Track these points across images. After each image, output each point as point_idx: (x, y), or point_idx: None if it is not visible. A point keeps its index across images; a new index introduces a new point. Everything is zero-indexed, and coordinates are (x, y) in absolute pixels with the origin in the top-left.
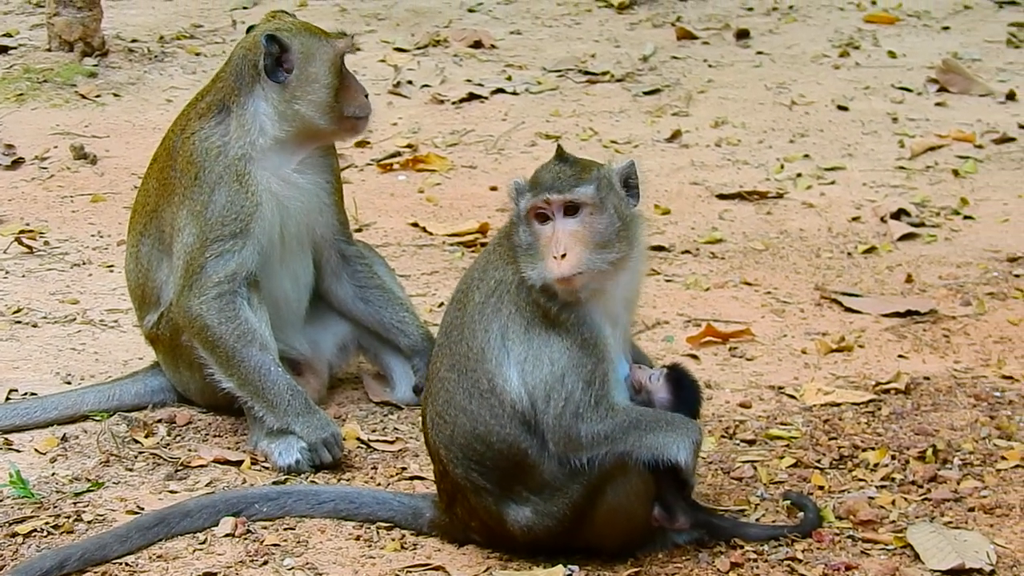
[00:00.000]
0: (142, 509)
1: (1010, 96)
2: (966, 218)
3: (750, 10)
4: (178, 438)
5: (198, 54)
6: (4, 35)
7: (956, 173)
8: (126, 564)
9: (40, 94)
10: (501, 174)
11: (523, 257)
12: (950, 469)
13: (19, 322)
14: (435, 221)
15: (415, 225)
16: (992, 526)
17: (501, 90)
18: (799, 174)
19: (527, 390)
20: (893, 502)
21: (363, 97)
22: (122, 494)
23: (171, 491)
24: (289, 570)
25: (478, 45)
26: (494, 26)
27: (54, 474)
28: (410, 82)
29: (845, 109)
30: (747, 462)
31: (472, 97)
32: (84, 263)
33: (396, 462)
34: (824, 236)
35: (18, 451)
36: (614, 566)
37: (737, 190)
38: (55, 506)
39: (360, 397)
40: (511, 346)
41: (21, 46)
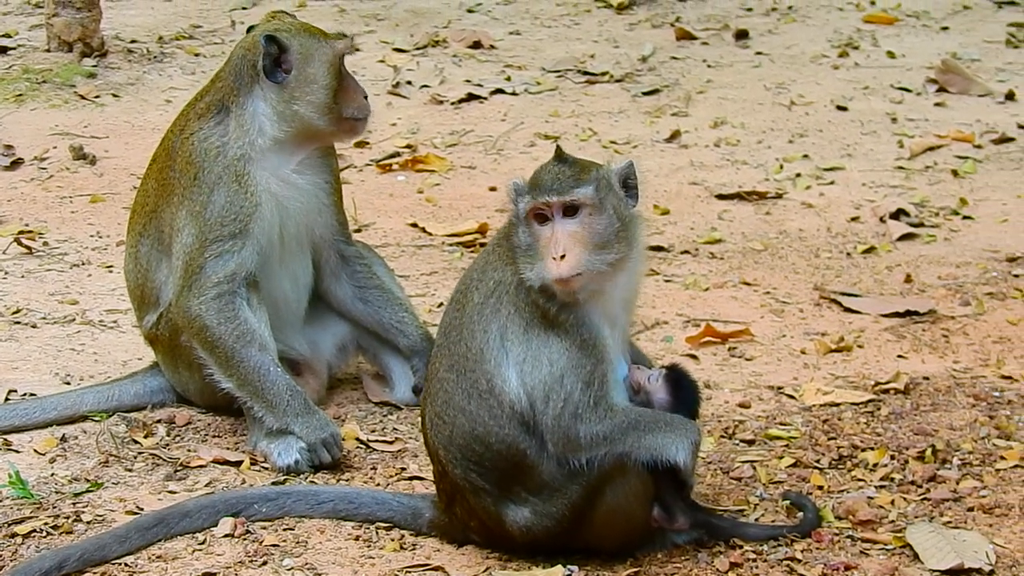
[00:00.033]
0: (141, 509)
1: (1009, 96)
2: (965, 218)
3: (749, 10)
4: (177, 438)
5: (197, 55)
6: (3, 35)
7: (955, 173)
8: (125, 564)
9: (39, 95)
10: (500, 174)
11: (522, 258)
12: (949, 469)
13: (18, 322)
14: (434, 221)
15: (414, 225)
16: (991, 526)
17: (500, 90)
18: (798, 174)
19: (526, 391)
20: (892, 502)
21: (362, 98)
22: (121, 494)
23: (170, 491)
24: (288, 570)
25: (477, 45)
26: (493, 26)
27: (53, 474)
28: (409, 82)
29: (844, 109)
30: (746, 462)
31: (471, 97)
32: (83, 263)
33: (395, 462)
34: (823, 236)
35: (17, 451)
36: (613, 566)
37: (736, 190)
38: (54, 506)
39: (359, 397)
40: (510, 347)
41: (20, 47)
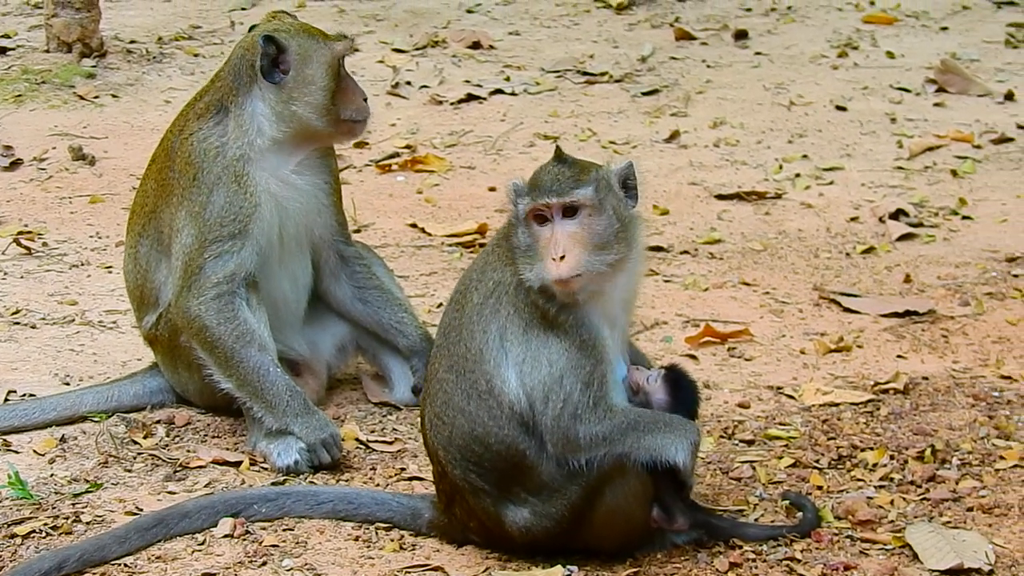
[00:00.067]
0: (141, 510)
1: (1008, 96)
2: (964, 218)
3: (748, 11)
4: (177, 439)
5: (196, 55)
6: (2, 36)
7: (954, 173)
8: (125, 565)
9: (38, 95)
10: (499, 175)
11: (521, 258)
12: (949, 469)
13: (18, 323)
14: (433, 222)
15: (414, 226)
16: (991, 526)
17: (499, 91)
18: (797, 174)
19: (525, 391)
20: (892, 502)
21: (361, 100)
22: (121, 495)
23: (170, 492)
24: (288, 571)
25: (476, 46)
26: (492, 27)
27: (53, 475)
28: (408, 83)
29: (843, 109)
30: (746, 462)
31: (470, 98)
32: (82, 264)
33: (395, 463)
34: (823, 236)
35: (17, 452)
36: (613, 566)
37: (735, 190)
38: (54, 507)
39: (359, 398)
40: (509, 347)
41: (19, 47)
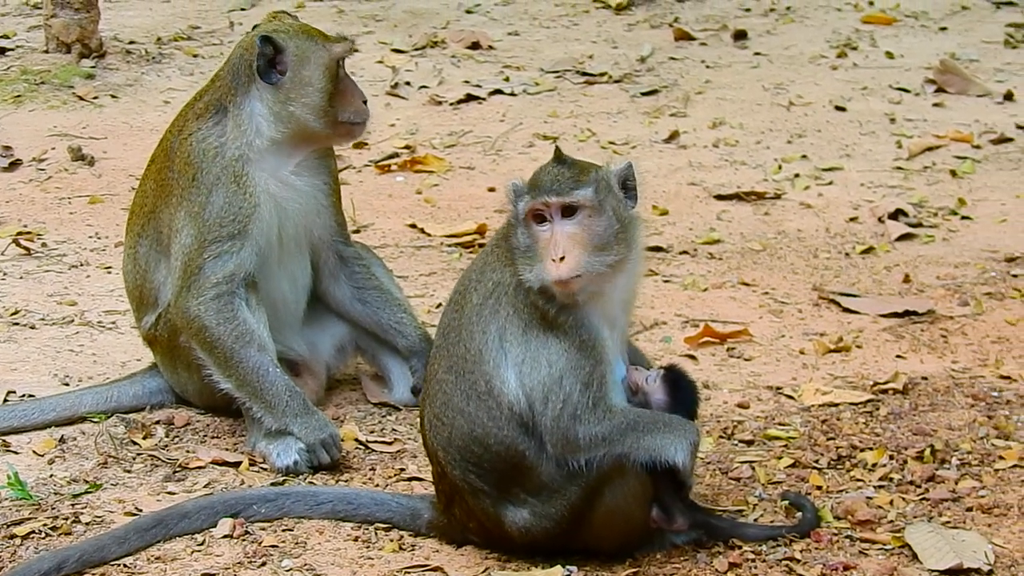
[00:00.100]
0: (140, 511)
1: (1008, 96)
2: (964, 218)
3: (748, 11)
4: (176, 439)
5: (196, 56)
6: (2, 37)
7: (954, 173)
8: (124, 566)
9: (38, 96)
10: (499, 175)
11: (521, 259)
12: (948, 469)
13: (17, 324)
14: (433, 222)
15: (413, 226)
16: (990, 526)
17: (499, 91)
18: (797, 175)
19: (525, 392)
20: (891, 502)
21: (360, 102)
22: (120, 495)
23: (169, 492)
24: (287, 571)
25: (476, 46)
26: (492, 27)
27: (52, 476)
28: (408, 83)
29: (843, 110)
30: (745, 462)
31: (470, 98)
32: (82, 265)
33: (394, 463)
34: (822, 236)
35: (16, 453)
36: (612, 567)
37: (735, 191)
38: (53, 508)
39: (358, 398)
40: (509, 348)
41: (18, 47)
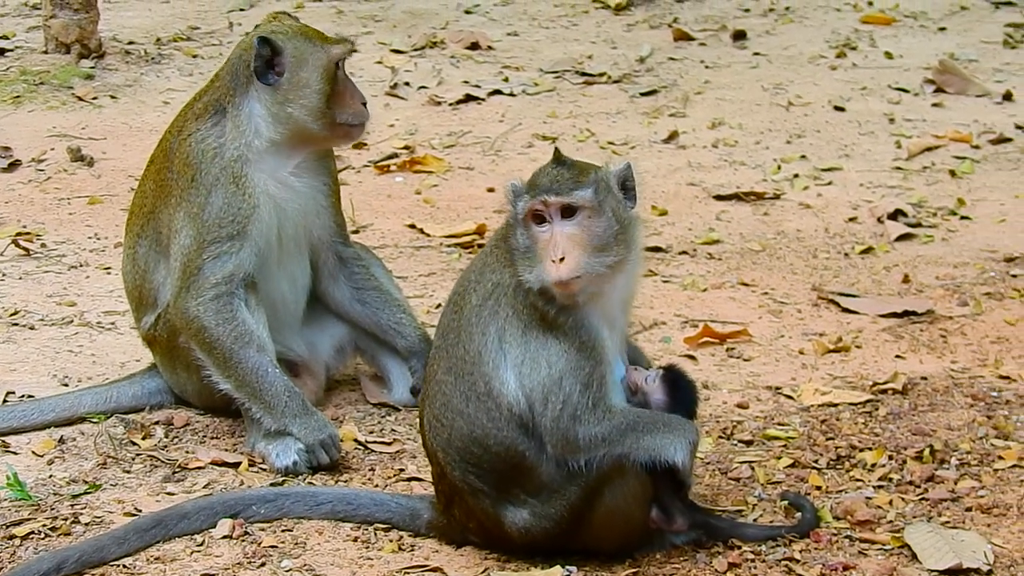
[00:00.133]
0: (139, 511)
1: (1007, 96)
2: (963, 218)
3: (747, 11)
4: (175, 440)
5: (195, 56)
6: (1, 37)
7: (953, 173)
8: (124, 566)
9: (37, 96)
10: (498, 175)
11: (520, 260)
12: (947, 469)
13: (16, 324)
14: (432, 222)
15: (412, 227)
16: (989, 526)
17: (498, 91)
18: (796, 175)
19: (524, 393)
20: (890, 502)
21: (359, 104)
22: (119, 496)
23: (168, 493)
24: (287, 572)
25: (475, 47)
26: (491, 27)
27: (51, 476)
28: (407, 83)
29: (842, 110)
30: (744, 462)
31: (469, 98)
32: (81, 265)
33: (394, 463)
34: (821, 237)
35: (15, 453)
36: (612, 567)
37: (734, 191)
38: (52, 508)
39: (357, 399)
40: (508, 349)
41: (18, 48)
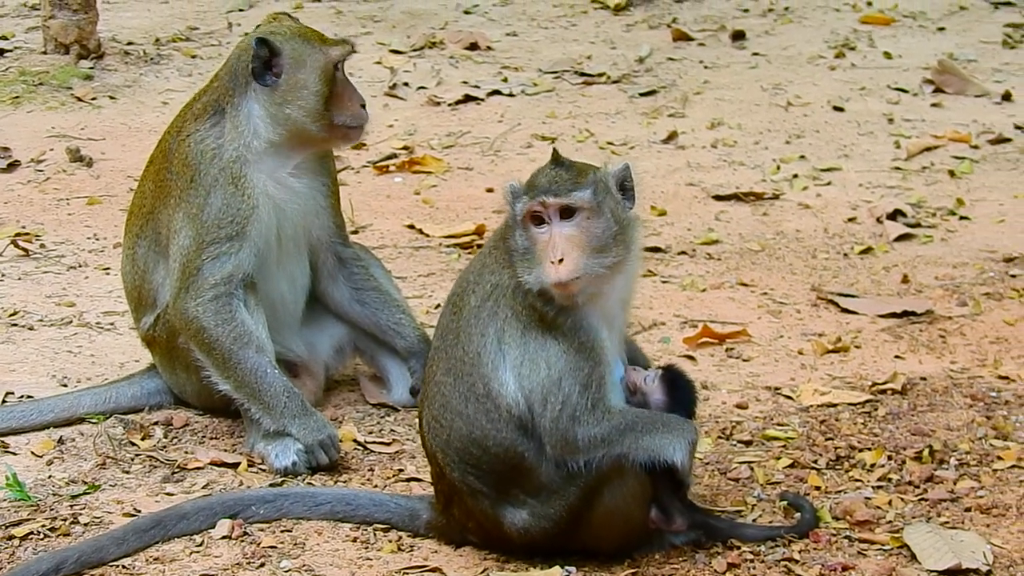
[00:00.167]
0: (139, 511)
1: (1006, 97)
2: (962, 218)
3: (746, 11)
4: (175, 440)
5: (194, 56)
6: (0, 38)
7: (952, 174)
8: (123, 567)
9: (36, 97)
10: (497, 176)
11: (519, 261)
12: (946, 469)
13: (15, 325)
14: (431, 223)
15: (411, 227)
16: (989, 526)
17: (497, 92)
18: (795, 175)
19: (523, 394)
20: (890, 502)
21: (358, 106)
22: (119, 496)
23: (168, 493)
24: (286, 572)
25: (474, 47)
26: (490, 28)
27: (50, 477)
28: (406, 84)
29: (841, 110)
30: (744, 463)
31: (468, 99)
32: (80, 266)
33: (393, 464)
34: (820, 237)
35: (14, 454)
36: (611, 567)
37: (733, 191)
38: (51, 509)
39: (356, 399)
40: (507, 350)
41: (17, 48)
